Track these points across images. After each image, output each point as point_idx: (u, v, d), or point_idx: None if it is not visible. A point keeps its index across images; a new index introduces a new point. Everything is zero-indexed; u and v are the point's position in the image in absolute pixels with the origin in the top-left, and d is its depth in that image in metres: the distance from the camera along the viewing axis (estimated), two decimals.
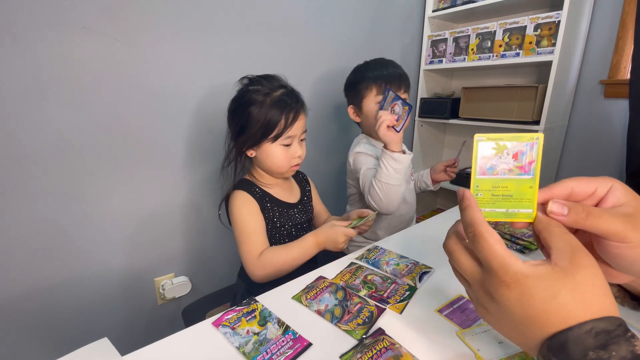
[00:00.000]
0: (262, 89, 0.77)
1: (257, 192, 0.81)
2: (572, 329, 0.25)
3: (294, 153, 0.80)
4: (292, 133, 0.78)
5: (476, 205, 0.32)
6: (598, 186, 0.31)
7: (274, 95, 0.77)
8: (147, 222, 1.08)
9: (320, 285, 0.58)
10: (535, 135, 0.32)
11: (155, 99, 1.01)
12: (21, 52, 0.80)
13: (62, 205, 0.92)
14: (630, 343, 0.23)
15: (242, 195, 0.79)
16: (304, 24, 1.28)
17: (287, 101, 0.76)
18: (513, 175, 0.34)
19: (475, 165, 0.35)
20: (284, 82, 0.82)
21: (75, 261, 0.98)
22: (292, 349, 0.44)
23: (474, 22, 1.76)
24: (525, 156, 0.33)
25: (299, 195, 0.90)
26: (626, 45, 1.35)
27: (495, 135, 0.34)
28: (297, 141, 0.81)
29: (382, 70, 1.02)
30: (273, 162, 0.79)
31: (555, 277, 0.26)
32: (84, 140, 0.92)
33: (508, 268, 0.28)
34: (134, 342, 0.44)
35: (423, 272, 0.63)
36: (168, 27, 0.99)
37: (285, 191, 0.87)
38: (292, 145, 0.80)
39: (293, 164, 0.81)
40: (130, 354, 0.43)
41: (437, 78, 1.86)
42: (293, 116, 0.77)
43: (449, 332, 0.47)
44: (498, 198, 0.34)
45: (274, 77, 0.81)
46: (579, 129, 1.53)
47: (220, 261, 1.28)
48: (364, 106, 1.04)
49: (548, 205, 0.32)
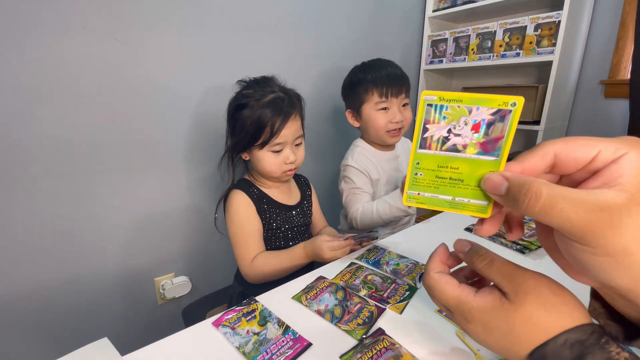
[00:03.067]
0: (254, 93, 0.76)
1: (255, 192, 0.80)
2: (547, 344, 0.24)
3: (285, 159, 0.78)
4: (281, 140, 0.76)
5: (433, 255, 0.31)
6: (602, 150, 0.22)
7: (263, 100, 0.75)
8: (147, 222, 1.08)
9: (320, 285, 0.58)
10: (512, 100, 0.23)
11: (155, 99, 1.01)
12: (21, 51, 0.80)
13: (62, 205, 0.92)
14: (605, 350, 0.23)
15: (240, 195, 0.79)
16: (303, 23, 1.28)
17: (275, 107, 0.74)
18: (469, 154, 0.25)
19: (418, 134, 0.26)
20: (277, 87, 0.79)
21: (75, 261, 0.98)
22: (292, 349, 0.44)
23: (474, 22, 1.76)
24: (492, 129, 0.24)
25: (298, 198, 0.89)
26: (626, 46, 1.34)
27: (452, 95, 0.24)
28: (290, 147, 0.78)
29: (381, 71, 0.98)
30: (264, 167, 0.78)
31: (506, 310, 0.26)
32: (83, 140, 0.92)
33: (463, 307, 0.28)
34: (134, 342, 0.44)
35: (423, 272, 0.62)
36: (168, 26, 0.99)
37: (284, 194, 0.86)
38: (283, 152, 0.78)
39: (285, 169, 0.79)
40: (130, 354, 0.43)
41: (437, 78, 1.85)
42: (280, 123, 0.74)
43: (449, 332, 0.47)
44: (444, 182, 0.26)
45: (268, 81, 0.80)
46: (579, 129, 1.52)
47: (220, 261, 1.28)
48: (363, 111, 1.01)
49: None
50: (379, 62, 1.03)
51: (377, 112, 0.99)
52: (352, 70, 1.07)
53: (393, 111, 0.99)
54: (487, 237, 0.75)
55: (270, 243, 0.82)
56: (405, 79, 1.00)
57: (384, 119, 0.99)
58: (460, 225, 0.84)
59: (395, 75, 0.98)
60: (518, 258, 0.67)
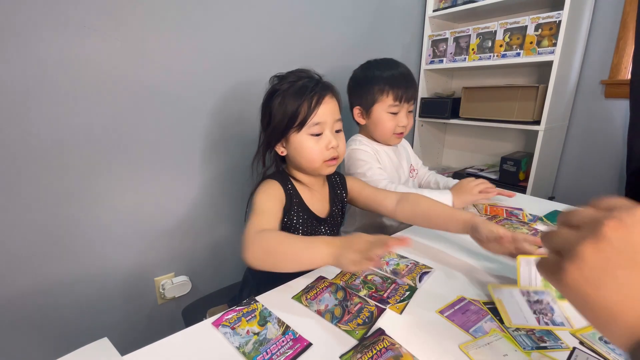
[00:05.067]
0: (287, 80, 0.72)
1: (290, 188, 0.73)
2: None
3: (327, 144, 0.71)
4: (319, 119, 0.70)
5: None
6: None
7: (298, 83, 0.71)
8: (147, 221, 1.08)
9: (320, 285, 0.58)
10: None
11: (155, 99, 1.01)
12: (21, 51, 0.80)
13: (62, 205, 0.92)
14: None
15: (273, 183, 0.72)
16: (303, 23, 1.28)
17: (310, 87, 0.70)
18: None
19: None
20: (312, 73, 0.75)
21: (75, 261, 0.98)
22: (292, 349, 0.44)
23: (475, 22, 1.76)
24: None
25: (328, 208, 0.80)
26: (627, 46, 1.34)
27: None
28: (330, 130, 0.71)
29: (397, 72, 0.97)
30: (303, 156, 0.71)
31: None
32: (83, 140, 0.92)
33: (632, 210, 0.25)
34: (134, 342, 0.44)
35: (423, 272, 0.62)
36: (168, 26, 0.99)
37: (317, 201, 0.78)
38: (323, 135, 0.71)
39: (327, 157, 0.71)
40: (130, 353, 0.43)
41: (437, 78, 1.85)
42: (317, 100, 0.69)
43: (449, 333, 0.47)
44: None
45: (302, 70, 0.76)
46: (579, 129, 1.53)
47: (221, 261, 1.28)
48: (374, 111, 0.99)
49: None
50: (392, 61, 1.01)
51: (387, 115, 0.99)
52: (366, 66, 1.03)
53: (401, 116, 1.00)
54: None
55: None
56: (416, 85, 1.02)
57: (392, 123, 1.00)
58: None
59: (410, 80, 0.99)
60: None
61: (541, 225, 0.83)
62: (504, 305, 0.52)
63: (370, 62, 1.04)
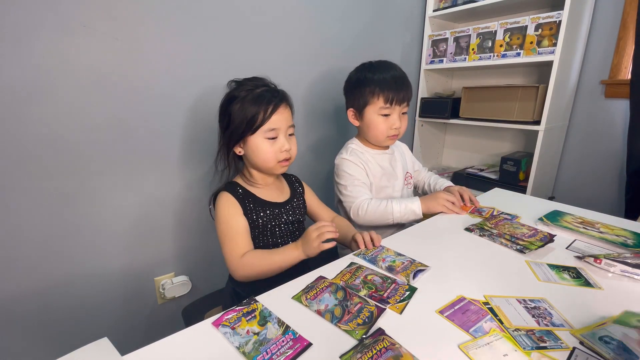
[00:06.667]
0: (245, 87, 0.79)
1: (240, 193, 0.80)
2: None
3: (280, 147, 0.79)
4: (274, 125, 0.77)
5: None
6: None
7: (255, 91, 0.78)
8: (146, 221, 1.08)
9: (320, 285, 0.58)
10: None
11: (155, 99, 1.01)
12: (20, 50, 0.80)
13: (62, 204, 0.92)
14: None
15: (226, 196, 0.79)
16: (303, 23, 1.28)
17: (266, 96, 0.77)
18: None
19: None
20: (267, 82, 0.83)
21: (75, 261, 0.98)
22: (292, 349, 0.44)
23: (475, 22, 1.76)
24: None
25: (288, 195, 0.89)
26: (627, 46, 1.34)
27: None
28: (284, 135, 0.80)
29: (389, 74, 0.97)
30: (259, 156, 0.79)
31: None
32: (82, 139, 0.92)
33: None
34: (134, 342, 0.44)
35: (418, 270, 0.63)
36: (168, 26, 0.99)
37: (273, 191, 0.86)
38: (278, 139, 0.79)
39: (280, 158, 0.80)
40: (130, 354, 0.43)
41: (437, 78, 1.85)
42: (272, 108, 0.77)
43: (449, 333, 0.47)
44: None
45: (258, 78, 0.83)
46: (579, 129, 1.52)
47: (220, 261, 1.26)
48: (366, 113, 1.00)
49: None
50: (387, 64, 1.02)
51: (379, 117, 0.99)
52: (360, 69, 1.05)
53: (393, 118, 0.99)
54: (487, 237, 0.76)
55: (258, 240, 0.82)
56: (410, 87, 1.00)
57: (384, 125, 0.99)
58: (460, 225, 0.84)
59: (402, 82, 0.98)
60: (518, 258, 0.68)
61: (541, 225, 0.83)
62: (502, 310, 0.52)
63: (364, 64, 1.05)
